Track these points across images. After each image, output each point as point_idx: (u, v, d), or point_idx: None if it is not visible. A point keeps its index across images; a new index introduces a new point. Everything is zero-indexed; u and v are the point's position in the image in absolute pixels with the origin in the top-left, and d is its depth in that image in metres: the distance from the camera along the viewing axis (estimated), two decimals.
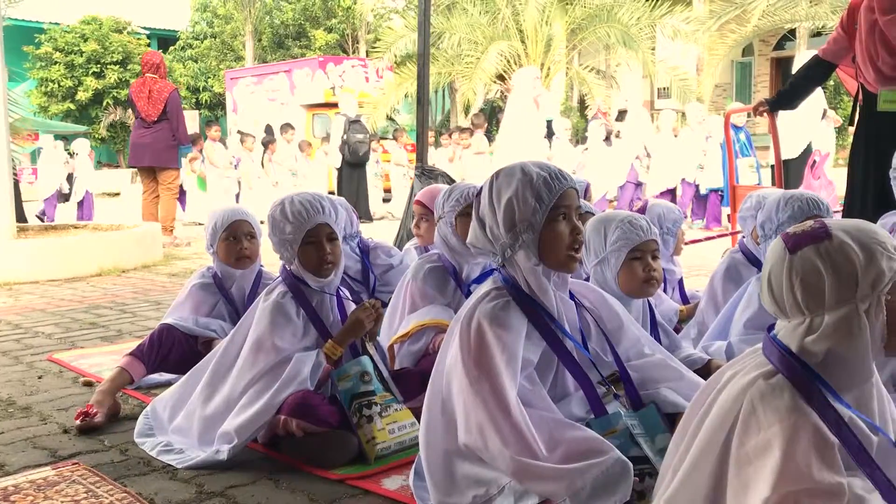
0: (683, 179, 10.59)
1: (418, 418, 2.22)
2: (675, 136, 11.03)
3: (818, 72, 4.26)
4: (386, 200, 14.21)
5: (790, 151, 9.70)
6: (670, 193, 10.71)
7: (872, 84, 3.78)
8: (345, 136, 12.21)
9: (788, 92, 4.49)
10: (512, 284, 2.06)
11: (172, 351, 3.12)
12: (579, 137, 15.10)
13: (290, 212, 2.59)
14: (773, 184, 5.54)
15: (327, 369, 2.56)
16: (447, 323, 2.86)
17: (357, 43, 26.75)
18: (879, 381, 1.55)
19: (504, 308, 2.02)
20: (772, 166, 9.72)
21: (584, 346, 2.15)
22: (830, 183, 7.55)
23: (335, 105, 15.85)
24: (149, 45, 27.53)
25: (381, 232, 8.36)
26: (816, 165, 7.43)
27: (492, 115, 20.99)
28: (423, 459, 2.08)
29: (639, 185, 11.32)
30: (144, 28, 28.90)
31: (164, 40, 30.56)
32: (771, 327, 1.53)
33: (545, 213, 2.00)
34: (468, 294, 2.93)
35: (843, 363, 1.42)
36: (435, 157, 12.71)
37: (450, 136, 13.27)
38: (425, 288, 2.94)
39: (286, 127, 14.36)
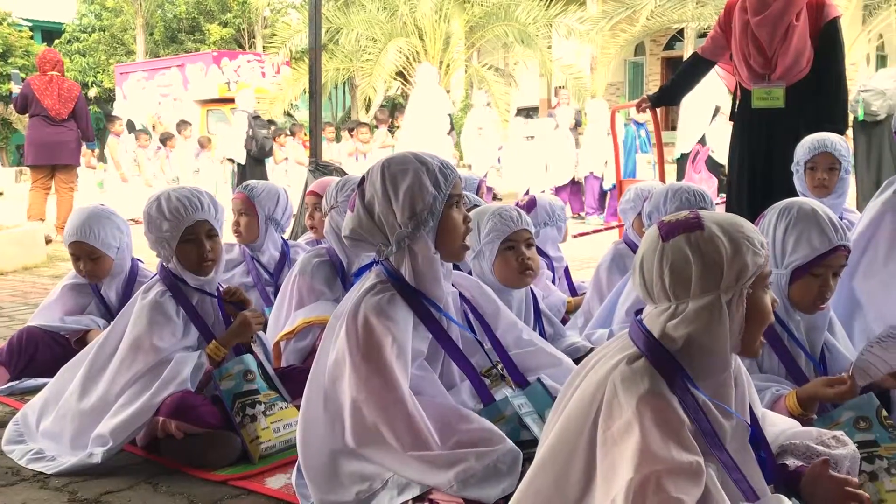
0: (591, 173, 10.77)
1: None
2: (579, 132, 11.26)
3: (697, 69, 4.40)
4: None
5: (685, 146, 10.07)
6: (576, 187, 10.90)
7: (746, 82, 3.94)
8: (250, 132, 11.97)
9: (669, 88, 4.65)
10: (396, 277, 2.05)
11: (38, 352, 2.98)
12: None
13: (166, 208, 2.51)
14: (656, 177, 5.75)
15: (209, 370, 2.50)
16: None
17: (253, 38, 26.24)
18: (741, 364, 1.62)
19: (390, 301, 2.01)
20: (678, 159, 10.08)
21: (472, 331, 2.17)
22: (711, 176, 7.87)
23: (231, 101, 15.51)
24: (31, 38, 26.25)
25: None
26: (698, 160, 7.73)
27: (393, 112, 20.94)
28: (302, 457, 2.05)
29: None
30: (27, 20, 27.54)
31: (49, 33, 29.24)
32: (639, 312, 1.58)
33: (444, 200, 2.02)
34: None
35: (700, 351, 1.46)
36: (334, 153, 12.58)
37: (350, 132, 13.14)
38: (313, 283, 2.90)
39: (183, 123, 13.97)
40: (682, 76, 4.58)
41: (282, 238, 3.64)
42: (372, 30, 16.57)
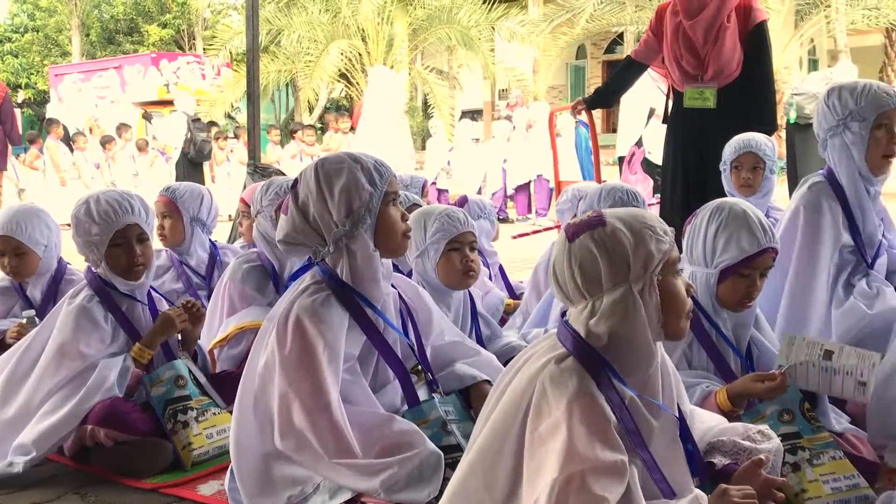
0: (540, 175, 10.80)
1: None
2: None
3: (630, 72, 4.44)
4: None
5: (624, 148, 10.21)
6: (526, 189, 10.92)
7: (678, 83, 4.01)
8: (188, 135, 11.78)
9: (603, 91, 4.71)
10: (332, 277, 2.03)
11: None
12: (424, 136, 15.23)
13: (95, 212, 2.45)
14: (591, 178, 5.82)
15: (137, 374, 2.44)
16: None
17: (193, 39, 25.82)
18: (668, 360, 1.64)
19: (325, 302, 1.99)
20: (620, 158, 10.18)
21: (406, 334, 2.16)
22: (647, 177, 8.02)
23: (170, 103, 15.25)
24: None
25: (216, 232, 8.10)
26: (633, 161, 7.87)
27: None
28: (234, 461, 2.03)
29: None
30: None
31: None
32: (565, 312, 1.60)
33: (380, 197, 2.01)
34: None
35: (625, 345, 1.49)
36: (278, 155, 12.43)
37: (293, 134, 13.00)
38: (244, 289, 2.87)
39: (123, 126, 13.69)
40: (615, 79, 4.65)
41: (210, 240, 3.59)
42: (314, 31, 16.44)
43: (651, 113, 9.41)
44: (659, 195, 4.58)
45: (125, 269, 2.48)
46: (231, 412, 2.47)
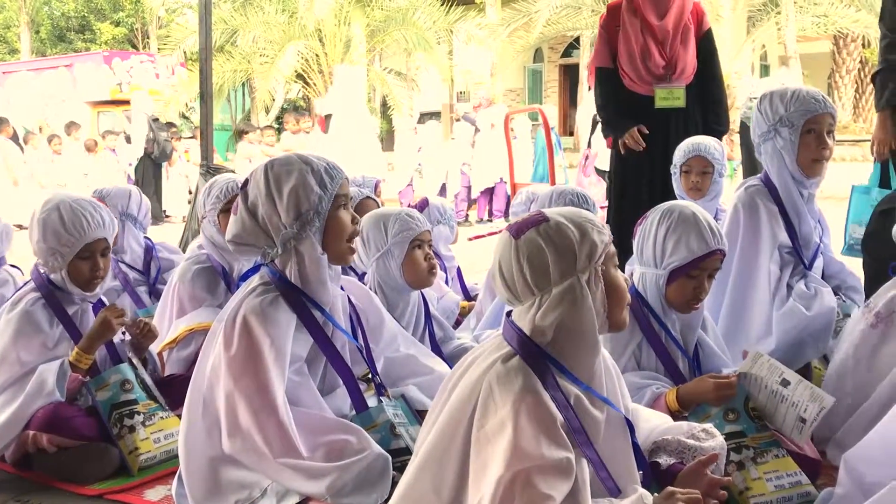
0: (501, 178, 10.78)
1: None
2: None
3: (613, 82, 4.01)
4: None
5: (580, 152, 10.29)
6: (489, 192, 10.90)
7: (641, 83, 3.93)
8: (150, 135, 11.60)
9: (613, 117, 4.12)
10: (281, 279, 2.01)
11: None
12: (382, 138, 15.17)
13: (69, 221, 2.37)
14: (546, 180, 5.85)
15: (75, 378, 2.38)
16: None
17: (147, 38, 25.42)
18: (609, 359, 1.66)
19: (273, 303, 1.97)
20: (587, 158, 10.22)
21: (355, 338, 2.15)
22: (600, 180, 8.09)
23: (124, 102, 15.00)
24: None
25: (168, 234, 7.99)
26: (587, 164, 7.94)
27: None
28: (182, 464, 2.00)
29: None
30: None
31: None
32: (510, 312, 1.61)
33: (330, 200, 1.99)
34: None
35: (571, 337, 1.50)
36: (249, 153, 12.23)
37: (240, 135, 12.84)
38: (194, 290, 2.83)
39: (73, 125, 13.42)
40: (612, 103, 4.10)
41: (145, 236, 3.56)
42: (270, 32, 16.32)
43: (596, 120, 9.47)
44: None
45: (86, 281, 2.44)
46: (180, 416, 2.46)
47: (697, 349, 2.30)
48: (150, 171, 11.88)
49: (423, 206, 3.93)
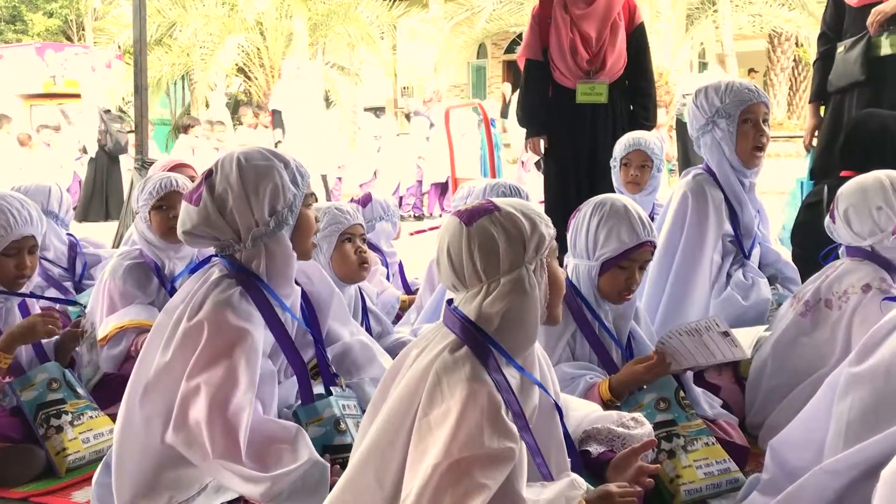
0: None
1: None
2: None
3: (542, 75, 4.07)
4: None
5: (519, 148, 10.34)
6: (441, 188, 10.85)
7: (568, 77, 3.98)
8: (103, 126, 11.28)
9: (535, 114, 4.18)
10: (242, 271, 1.95)
11: None
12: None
13: None
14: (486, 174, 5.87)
15: None
16: (149, 323, 2.70)
17: (83, 30, 24.76)
18: (540, 349, 1.68)
19: (240, 298, 1.92)
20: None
21: (309, 326, 2.12)
22: (540, 175, 8.19)
23: (59, 95, 14.62)
24: None
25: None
26: (527, 160, 8.02)
27: (235, 110, 20.35)
28: (115, 458, 1.93)
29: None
30: None
31: None
32: (451, 300, 1.61)
33: (302, 199, 1.98)
34: (173, 291, 2.80)
35: (515, 325, 1.52)
36: (176, 150, 12.02)
37: (186, 130, 12.58)
38: (125, 286, 2.77)
39: (2, 117, 13.00)
40: (537, 95, 4.14)
41: (68, 233, 3.48)
42: (210, 25, 16.04)
43: None
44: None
45: (11, 279, 2.36)
46: (110, 415, 2.40)
47: (630, 339, 2.33)
48: (104, 164, 11.54)
49: (366, 201, 3.92)
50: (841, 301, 2.33)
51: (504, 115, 12.54)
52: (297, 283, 2.16)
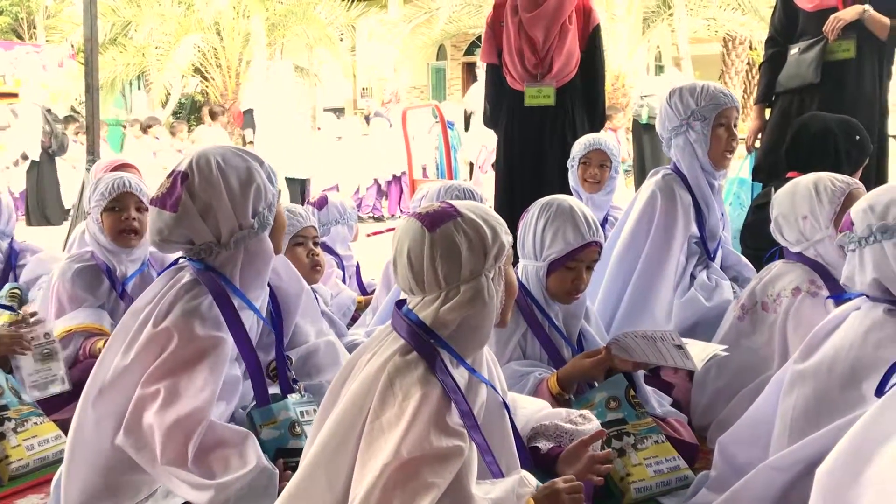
0: (404, 173, 10.65)
1: (67, 430, 2.02)
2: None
3: (499, 79, 4.07)
4: None
5: (474, 149, 10.37)
6: (400, 189, 10.78)
7: (518, 80, 3.99)
8: (47, 127, 11.00)
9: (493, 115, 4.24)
10: (212, 273, 1.92)
11: None
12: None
13: None
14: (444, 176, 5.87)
15: None
16: (98, 327, 2.67)
17: (34, 28, 24.25)
18: (487, 348, 1.68)
19: (210, 306, 1.89)
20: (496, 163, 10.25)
21: (273, 326, 2.10)
22: None
23: (9, 95, 14.26)
24: None
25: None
26: (484, 161, 8.05)
27: (192, 110, 20.09)
28: (66, 460, 1.90)
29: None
30: None
31: None
32: (400, 303, 1.60)
33: (278, 196, 1.98)
34: (124, 294, 2.76)
35: (469, 330, 1.52)
36: (135, 150, 11.79)
37: (145, 131, 12.38)
38: (74, 290, 2.71)
39: None
40: (497, 97, 4.16)
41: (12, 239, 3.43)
42: (166, 24, 15.81)
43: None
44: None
45: None
46: (56, 422, 2.35)
47: (581, 338, 2.35)
48: (49, 165, 11.26)
49: (321, 204, 3.89)
50: (775, 304, 2.37)
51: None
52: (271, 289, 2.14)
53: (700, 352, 2.17)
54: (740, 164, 4.29)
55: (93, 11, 5.47)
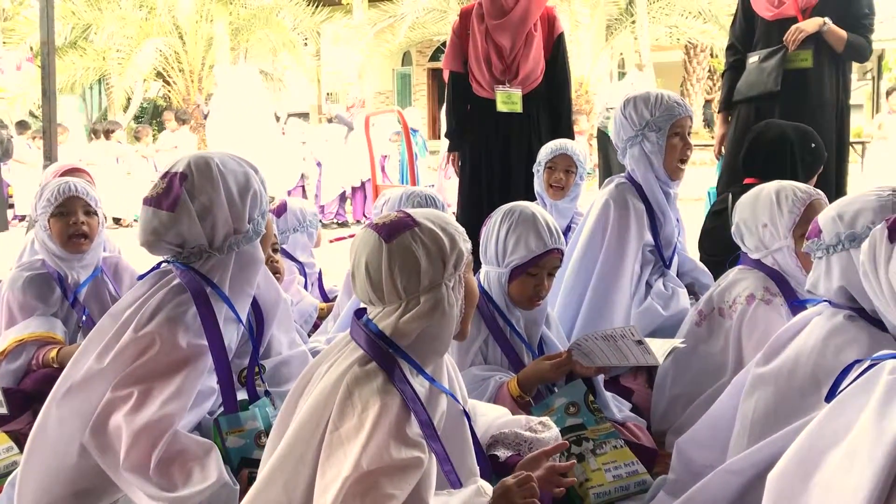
0: (368, 179, 10.60)
1: (20, 441, 1.97)
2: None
3: (461, 89, 4.13)
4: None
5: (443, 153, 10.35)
6: (364, 194, 10.72)
7: (486, 87, 4.03)
8: None
9: (457, 129, 4.23)
10: (198, 279, 1.90)
11: None
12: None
13: None
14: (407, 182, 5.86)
15: None
16: (51, 335, 2.62)
17: None
18: (448, 355, 1.68)
19: (195, 314, 1.87)
20: (447, 160, 10.25)
21: (251, 333, 2.07)
22: None
23: None
24: None
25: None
26: (446, 167, 8.06)
27: (154, 115, 19.88)
28: (23, 462, 1.85)
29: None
30: None
31: None
32: (359, 312, 1.59)
33: (269, 203, 2.00)
34: (76, 301, 2.71)
35: (430, 340, 1.51)
36: (98, 155, 11.59)
37: (106, 134, 12.17)
38: (25, 298, 2.65)
39: None
40: (459, 110, 4.19)
41: None
42: (127, 27, 15.62)
43: None
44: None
45: None
46: (8, 433, 2.30)
47: (542, 344, 2.36)
48: None
49: (280, 211, 3.84)
50: (731, 311, 2.39)
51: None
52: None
53: (659, 347, 2.18)
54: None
55: (49, 14, 5.38)
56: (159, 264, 1.99)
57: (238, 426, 1.96)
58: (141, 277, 2.00)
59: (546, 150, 3.66)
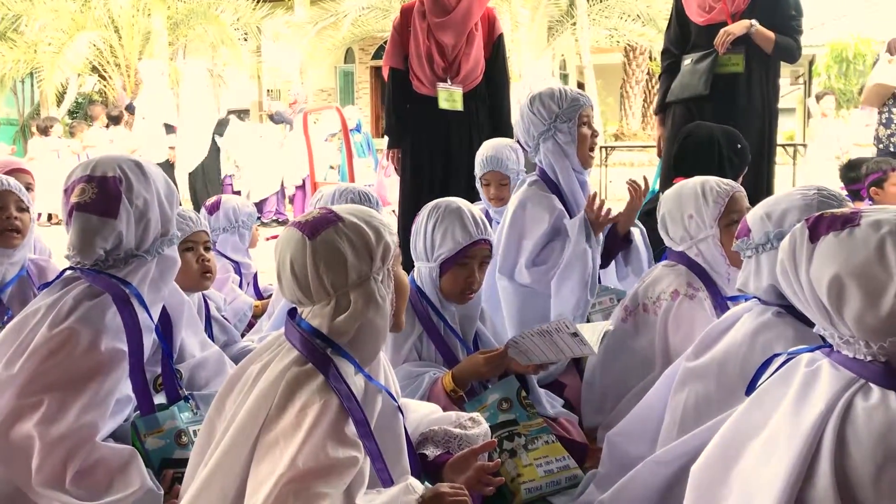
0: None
1: None
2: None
3: (403, 87, 4.11)
4: None
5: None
6: (304, 192, 10.59)
7: (428, 84, 4.03)
8: None
9: (397, 124, 4.23)
10: (126, 284, 1.87)
11: None
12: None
13: None
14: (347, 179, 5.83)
15: None
16: None
17: None
18: (384, 355, 1.67)
19: (114, 315, 1.82)
20: (388, 158, 10.21)
21: (162, 337, 2.03)
22: None
23: None
24: None
25: None
26: (387, 166, 8.05)
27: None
28: None
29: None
30: None
31: None
32: (292, 312, 1.56)
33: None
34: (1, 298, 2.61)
35: (366, 336, 1.50)
36: (39, 151, 11.22)
37: (46, 131, 11.79)
38: None
39: None
40: (400, 107, 4.18)
41: None
42: (59, 20, 15.18)
43: None
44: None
45: None
46: None
47: (476, 339, 2.37)
48: None
49: (213, 209, 3.75)
50: (656, 307, 2.43)
51: None
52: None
53: (592, 334, 2.20)
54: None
55: None
56: (63, 272, 1.93)
57: (156, 427, 1.94)
58: (42, 287, 1.95)
59: (478, 165, 3.61)
